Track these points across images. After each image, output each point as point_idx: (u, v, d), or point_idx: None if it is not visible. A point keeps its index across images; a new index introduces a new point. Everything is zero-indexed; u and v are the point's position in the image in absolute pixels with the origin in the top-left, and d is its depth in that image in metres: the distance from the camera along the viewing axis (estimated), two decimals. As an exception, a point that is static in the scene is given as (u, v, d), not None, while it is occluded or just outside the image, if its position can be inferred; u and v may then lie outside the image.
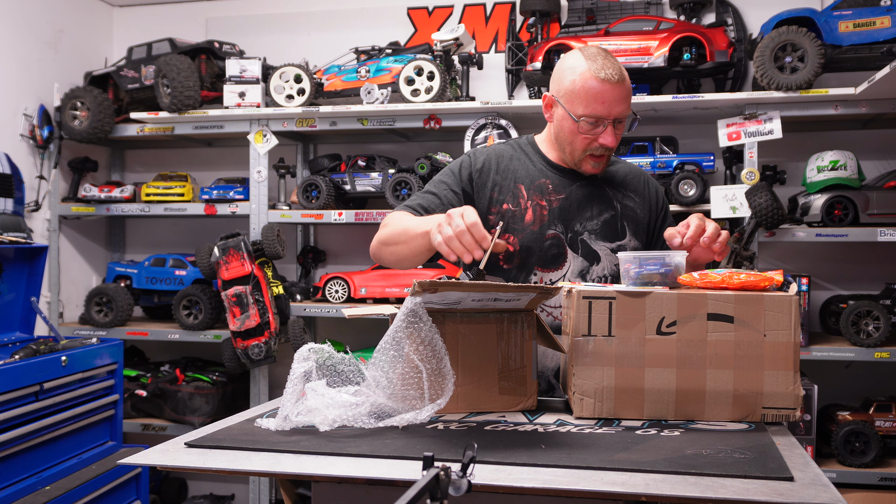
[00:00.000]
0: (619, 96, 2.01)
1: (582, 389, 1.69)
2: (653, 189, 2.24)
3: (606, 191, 2.16)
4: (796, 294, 1.68)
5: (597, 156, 2.08)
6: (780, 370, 1.66)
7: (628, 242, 2.14)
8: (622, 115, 2.03)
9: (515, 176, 2.15)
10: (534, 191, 2.13)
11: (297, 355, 1.63)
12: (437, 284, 1.57)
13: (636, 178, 2.23)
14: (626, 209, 2.16)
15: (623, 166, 2.26)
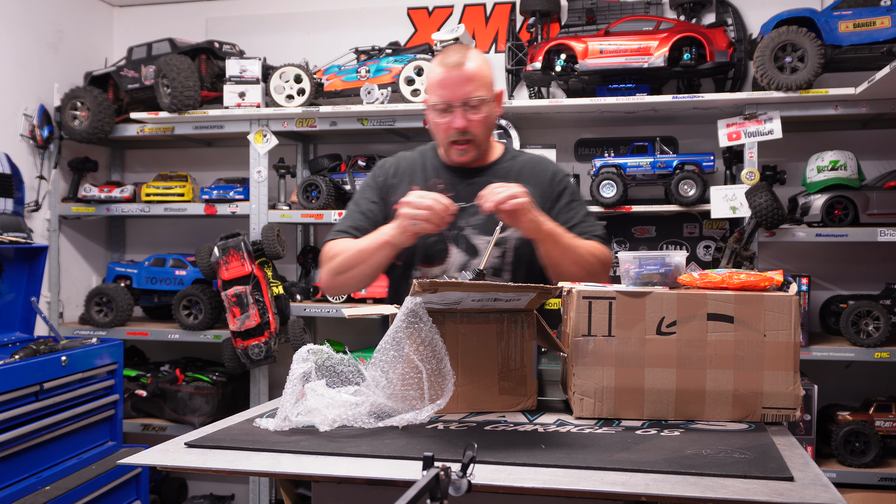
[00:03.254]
0: (461, 79, 2.08)
1: (582, 389, 1.69)
2: (548, 177, 2.24)
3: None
4: (796, 294, 1.68)
5: (458, 142, 2.14)
6: (780, 370, 1.66)
7: (512, 234, 2.14)
8: (468, 96, 2.08)
9: (411, 178, 2.25)
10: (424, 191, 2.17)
11: (296, 356, 1.63)
12: (438, 284, 1.57)
13: (533, 168, 2.25)
14: None
15: (526, 158, 2.31)
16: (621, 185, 3.35)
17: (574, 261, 2.06)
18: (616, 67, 3.34)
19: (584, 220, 2.21)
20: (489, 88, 2.14)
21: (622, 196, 3.35)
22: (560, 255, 2.05)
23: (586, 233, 2.17)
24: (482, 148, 2.20)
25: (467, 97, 2.09)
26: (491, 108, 2.17)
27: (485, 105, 2.12)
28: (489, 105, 2.15)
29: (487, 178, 2.16)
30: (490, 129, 2.21)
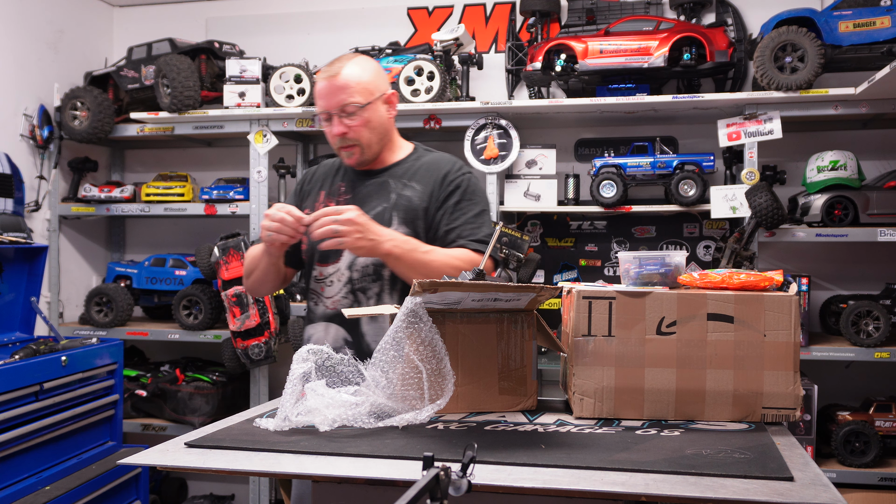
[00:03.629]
0: (335, 88, 2.14)
1: (582, 389, 1.69)
2: (440, 178, 2.24)
3: (390, 185, 2.24)
4: (796, 294, 1.68)
5: (343, 147, 2.21)
6: (780, 370, 1.66)
7: (395, 231, 2.16)
8: (342, 104, 2.15)
9: (321, 184, 2.33)
10: (330, 194, 2.29)
11: (296, 356, 1.63)
12: (437, 284, 1.57)
13: (428, 168, 2.26)
14: (402, 199, 2.21)
15: (428, 158, 2.31)
16: (621, 185, 3.35)
17: (426, 274, 2.02)
18: (616, 67, 3.34)
19: (466, 223, 2.19)
20: (367, 93, 2.17)
21: (622, 196, 3.35)
22: (406, 271, 2.07)
23: (464, 237, 2.16)
24: (372, 150, 2.23)
25: (341, 105, 2.15)
26: (374, 112, 2.20)
27: (363, 111, 2.16)
28: (370, 109, 2.18)
29: (385, 178, 2.25)
30: (379, 132, 2.23)
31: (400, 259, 2.05)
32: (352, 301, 2.21)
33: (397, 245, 2.04)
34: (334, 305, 2.22)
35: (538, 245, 3.85)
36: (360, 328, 2.19)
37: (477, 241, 2.18)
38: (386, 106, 2.25)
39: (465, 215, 2.20)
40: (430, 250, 2.10)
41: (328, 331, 2.23)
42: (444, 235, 2.18)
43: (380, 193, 2.23)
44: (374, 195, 2.24)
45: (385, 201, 2.21)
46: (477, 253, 2.15)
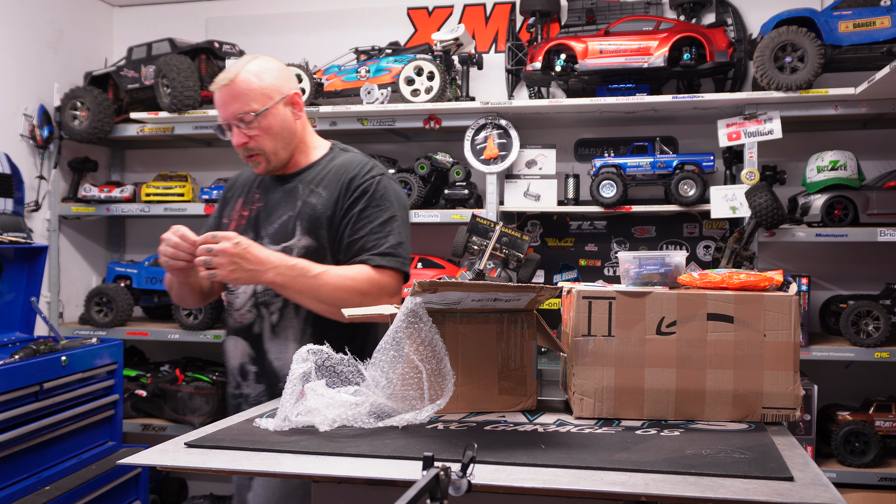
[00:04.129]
0: (228, 97, 2.05)
1: (582, 389, 1.69)
2: (345, 183, 2.11)
3: (298, 191, 2.14)
4: (796, 294, 1.68)
5: (248, 157, 2.12)
6: (780, 370, 1.66)
7: (297, 242, 2.07)
8: (237, 114, 2.04)
9: (241, 190, 2.26)
10: (246, 202, 2.21)
11: (295, 356, 1.63)
12: (437, 284, 1.57)
13: (336, 172, 2.14)
14: (307, 207, 2.10)
15: (339, 160, 2.19)
16: (621, 185, 3.35)
17: (317, 298, 1.99)
18: (616, 67, 3.34)
19: (371, 234, 2.06)
20: (264, 98, 2.06)
21: (622, 196, 3.35)
22: (295, 297, 2.00)
23: (367, 249, 2.04)
24: (280, 157, 2.12)
25: (237, 115, 2.05)
26: (275, 117, 2.08)
27: (261, 118, 2.05)
28: (270, 115, 2.07)
29: (295, 184, 2.15)
30: (284, 137, 2.11)
31: (285, 287, 1.95)
32: (255, 316, 2.12)
33: (280, 273, 1.93)
34: (241, 319, 2.14)
35: (538, 245, 3.85)
36: (262, 345, 2.11)
37: (380, 254, 2.04)
38: (290, 108, 2.13)
39: (371, 223, 2.07)
40: (320, 273, 1.97)
41: (237, 345, 2.16)
42: (347, 248, 2.06)
43: (287, 201, 2.13)
44: (282, 203, 2.14)
45: (291, 209, 2.11)
46: (378, 269, 2.03)
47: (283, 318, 2.09)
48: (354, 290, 1.98)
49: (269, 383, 2.11)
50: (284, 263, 1.94)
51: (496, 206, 3.45)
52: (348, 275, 2.00)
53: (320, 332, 2.00)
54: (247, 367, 2.14)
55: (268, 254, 1.93)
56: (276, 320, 2.10)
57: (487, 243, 3.12)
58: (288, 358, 1.93)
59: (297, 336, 2.08)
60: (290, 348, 2.04)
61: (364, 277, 2.01)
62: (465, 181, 3.52)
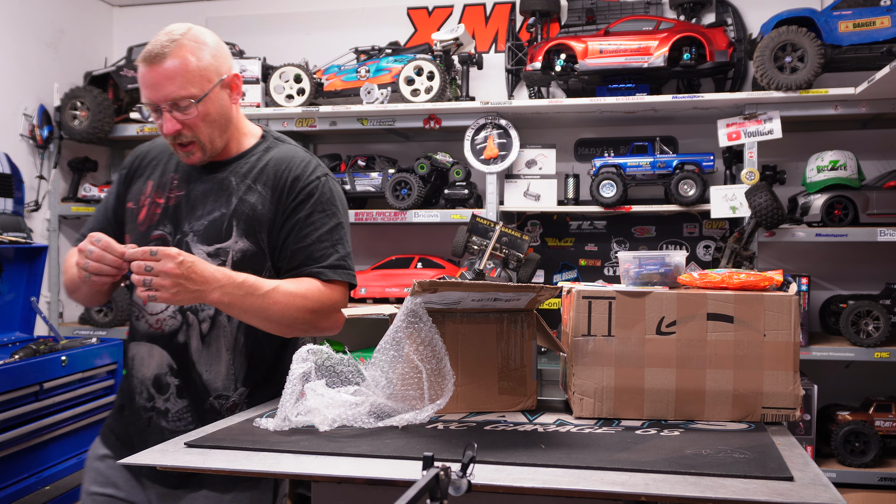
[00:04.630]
0: (161, 77, 1.77)
1: (582, 389, 1.69)
2: (288, 183, 1.89)
3: (232, 184, 1.88)
4: (796, 294, 1.68)
5: (179, 145, 1.84)
6: (780, 370, 1.66)
7: (233, 244, 1.84)
8: (171, 97, 1.77)
9: (152, 172, 1.96)
10: (160, 187, 1.92)
11: (295, 356, 1.63)
12: (437, 284, 1.57)
13: (276, 168, 1.91)
14: (244, 205, 1.86)
15: (278, 153, 1.94)
16: (621, 185, 3.35)
17: (266, 318, 1.79)
18: (616, 67, 3.34)
19: (317, 243, 1.87)
20: (203, 82, 1.81)
21: (622, 196, 3.35)
22: (240, 316, 1.79)
23: (314, 260, 1.85)
24: (215, 146, 1.87)
25: (171, 98, 1.78)
26: (214, 103, 1.83)
27: (199, 104, 1.80)
28: (209, 101, 1.82)
29: (226, 175, 1.89)
30: (221, 124, 1.86)
31: (231, 306, 1.75)
32: (181, 323, 1.85)
33: (227, 292, 1.71)
34: (159, 325, 1.87)
35: (538, 245, 3.85)
36: (189, 354, 1.86)
37: (330, 266, 1.86)
38: (228, 91, 1.89)
39: (318, 231, 1.87)
40: (269, 291, 1.76)
41: (152, 353, 1.88)
42: (291, 257, 1.86)
43: (219, 194, 1.88)
44: (211, 195, 1.88)
45: (224, 205, 1.86)
46: (328, 284, 1.85)
47: (215, 327, 1.85)
48: (306, 309, 1.81)
49: (196, 398, 1.87)
50: (231, 281, 1.72)
51: (496, 206, 3.45)
52: (299, 292, 1.80)
53: (253, 342, 1.87)
54: (166, 380, 1.87)
55: (213, 271, 1.70)
56: (208, 329, 1.85)
57: (487, 243, 3.12)
58: (219, 370, 1.86)
59: (230, 346, 1.86)
60: (222, 359, 1.86)
61: (316, 294, 1.83)
62: (465, 181, 3.53)
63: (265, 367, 1.90)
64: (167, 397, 1.87)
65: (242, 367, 1.87)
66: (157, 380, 1.88)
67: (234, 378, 1.87)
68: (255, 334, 1.87)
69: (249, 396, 1.88)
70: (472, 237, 3.16)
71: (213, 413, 1.85)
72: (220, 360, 1.86)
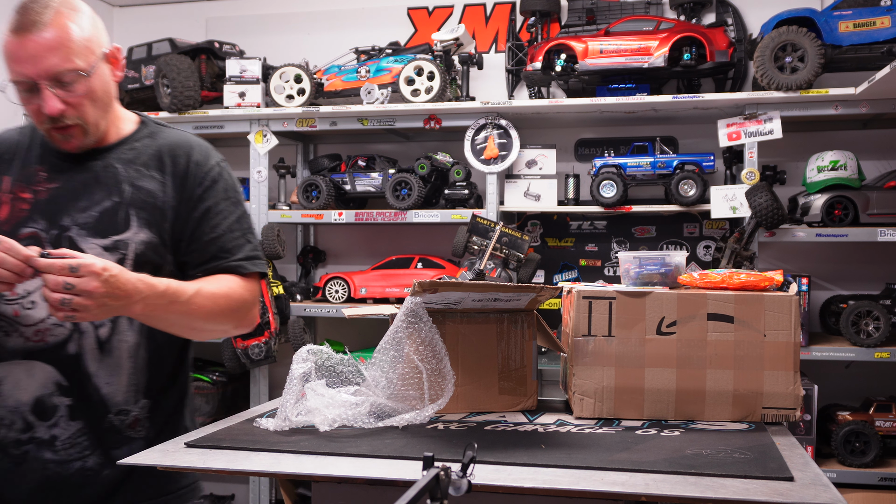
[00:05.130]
0: (37, 49, 1.53)
1: (582, 389, 1.69)
2: (191, 165, 1.73)
3: (119, 172, 1.69)
4: (796, 294, 1.68)
5: (57, 129, 1.62)
6: (780, 370, 1.66)
7: (133, 236, 1.65)
8: (54, 71, 1.55)
9: (7, 168, 1.72)
10: (21, 180, 1.69)
11: (295, 356, 1.63)
12: (438, 284, 1.57)
13: (174, 151, 1.73)
14: (140, 192, 1.67)
15: (168, 137, 1.76)
16: (621, 185, 3.35)
17: (189, 325, 1.66)
18: (616, 67, 3.34)
19: (228, 234, 1.73)
20: (89, 54, 1.59)
21: (622, 196, 3.35)
22: (161, 324, 1.63)
23: (227, 252, 1.70)
24: (99, 128, 1.66)
25: (53, 73, 1.55)
26: (100, 79, 1.62)
27: (86, 79, 1.58)
28: (96, 76, 1.61)
29: (108, 162, 1.69)
30: (104, 104, 1.65)
31: (152, 318, 1.58)
32: (70, 330, 1.62)
33: (150, 304, 1.53)
34: (41, 337, 1.62)
35: (538, 245, 3.85)
36: (83, 366, 1.63)
37: (247, 258, 1.73)
38: (109, 66, 1.67)
39: (226, 220, 1.73)
40: (193, 296, 1.60)
41: (31, 373, 1.62)
42: (203, 250, 1.70)
43: (105, 183, 1.67)
44: (95, 185, 1.67)
45: (115, 194, 1.66)
46: (246, 278, 1.72)
47: (116, 331, 1.65)
48: (230, 310, 1.68)
49: (93, 417, 1.65)
50: (154, 291, 1.53)
51: (496, 206, 3.45)
52: (221, 292, 1.66)
53: (154, 346, 1.70)
54: (51, 401, 1.63)
55: (134, 282, 1.49)
56: (108, 335, 1.64)
57: (487, 243, 3.12)
58: (120, 381, 1.66)
59: (132, 352, 1.67)
60: (122, 369, 1.66)
61: (238, 291, 1.69)
62: (465, 181, 3.53)
63: (166, 373, 1.75)
64: (54, 422, 1.63)
65: (144, 376, 1.69)
66: (39, 403, 1.63)
67: (135, 389, 1.69)
68: (155, 338, 1.70)
69: (151, 409, 1.72)
70: (472, 237, 3.16)
71: (113, 433, 1.66)
72: (121, 369, 1.66)
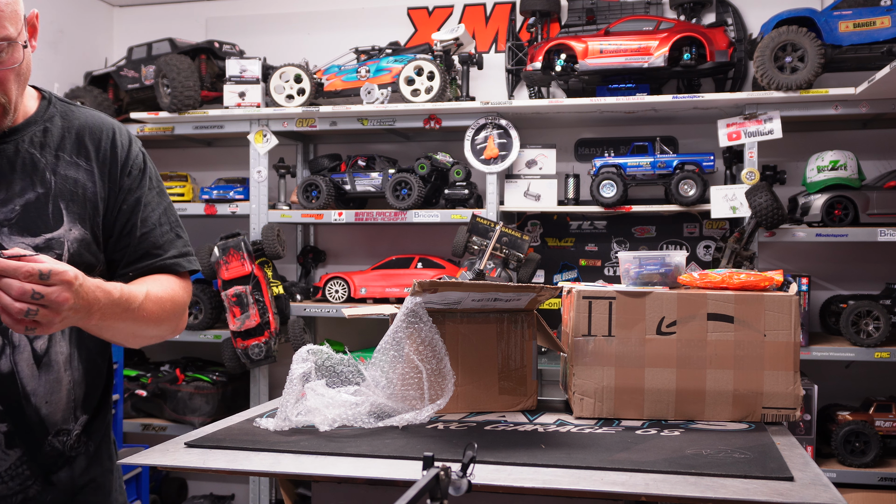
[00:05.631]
0: None
1: (582, 389, 1.69)
2: (118, 153, 1.56)
3: (37, 158, 1.47)
4: (796, 294, 1.68)
5: None
6: (780, 370, 1.66)
7: (67, 234, 1.46)
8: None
9: None
10: None
11: (295, 356, 1.63)
12: (438, 284, 1.57)
13: (95, 136, 1.54)
14: (68, 183, 1.48)
15: (81, 115, 1.56)
16: (621, 185, 3.35)
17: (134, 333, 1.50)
18: (616, 67, 3.34)
19: (160, 227, 1.59)
20: (17, 18, 1.37)
21: (622, 196, 3.35)
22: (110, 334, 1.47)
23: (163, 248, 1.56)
24: (17, 107, 1.45)
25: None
26: (24, 50, 1.40)
27: (13, 49, 1.37)
28: (20, 48, 1.38)
29: (18, 146, 1.46)
30: (26, 77, 1.45)
31: (105, 328, 1.40)
32: (2, 343, 1.42)
33: (106, 313, 1.36)
34: None
35: (538, 245, 3.85)
36: (18, 386, 1.43)
37: (180, 255, 1.60)
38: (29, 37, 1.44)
39: (155, 213, 1.59)
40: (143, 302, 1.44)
41: None
42: (136, 246, 1.54)
43: (23, 171, 1.45)
44: (13, 173, 1.45)
45: (38, 184, 1.46)
46: (182, 278, 1.60)
47: (53, 342, 1.47)
48: (174, 314, 1.54)
49: (32, 442, 1.46)
50: (109, 298, 1.35)
51: (496, 206, 3.45)
52: (166, 295, 1.52)
53: (87, 355, 1.54)
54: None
55: (94, 290, 1.32)
56: (44, 348, 1.46)
57: (487, 243, 3.12)
58: (60, 398, 1.48)
59: (67, 364, 1.50)
60: (62, 384, 1.49)
61: (179, 293, 1.57)
62: (465, 181, 3.53)
63: (100, 383, 1.59)
64: None
65: (81, 389, 1.53)
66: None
67: (73, 405, 1.51)
68: (87, 346, 1.54)
69: (89, 424, 1.55)
70: (472, 237, 3.17)
71: (55, 455, 1.49)
72: (60, 385, 1.48)
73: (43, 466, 1.48)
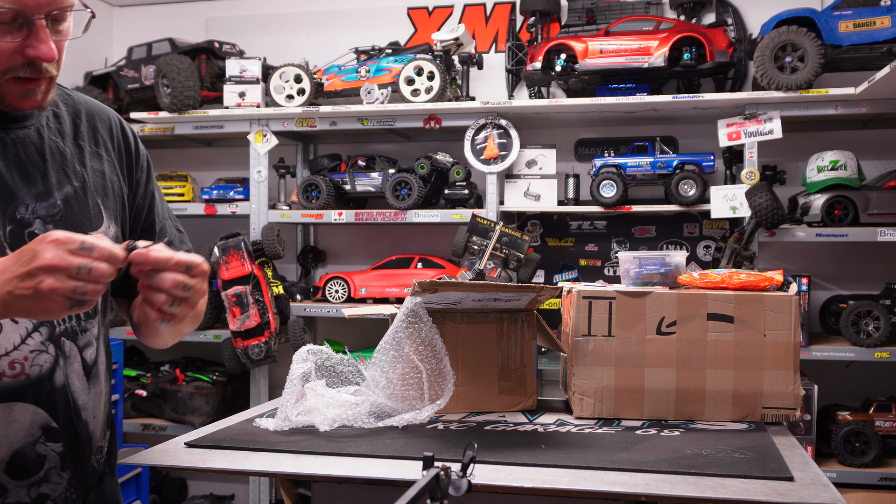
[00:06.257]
0: None
1: (582, 389, 1.69)
2: (130, 143, 1.49)
3: (62, 147, 1.34)
4: (796, 294, 1.68)
5: (27, 78, 1.29)
6: (780, 370, 1.66)
7: (108, 232, 1.36)
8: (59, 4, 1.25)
9: None
10: None
11: (295, 356, 1.63)
12: (437, 284, 1.57)
13: (104, 123, 1.45)
14: (97, 176, 1.37)
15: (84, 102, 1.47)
16: (621, 185, 3.35)
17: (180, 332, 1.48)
18: (616, 67, 3.34)
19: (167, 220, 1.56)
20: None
21: (622, 196, 3.35)
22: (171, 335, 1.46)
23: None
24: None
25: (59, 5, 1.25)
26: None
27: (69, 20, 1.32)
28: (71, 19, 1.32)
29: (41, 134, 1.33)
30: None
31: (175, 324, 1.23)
32: (55, 354, 1.27)
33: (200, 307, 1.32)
34: (20, 369, 1.24)
35: (538, 245, 3.85)
36: (72, 400, 1.30)
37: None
38: None
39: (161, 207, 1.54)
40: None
41: (10, 419, 1.24)
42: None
43: (53, 161, 1.32)
44: (41, 163, 1.30)
45: (73, 177, 1.33)
46: None
47: (99, 350, 1.37)
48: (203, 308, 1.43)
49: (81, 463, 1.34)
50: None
51: (496, 206, 3.45)
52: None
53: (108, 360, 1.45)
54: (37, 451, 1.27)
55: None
56: (94, 356, 1.35)
57: (487, 243, 3.12)
58: (101, 412, 1.38)
59: (105, 372, 1.41)
60: (102, 395, 1.38)
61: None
62: (465, 181, 3.53)
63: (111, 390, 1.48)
64: (41, 477, 1.27)
65: (109, 401, 1.44)
66: (21, 457, 1.25)
67: (106, 418, 1.41)
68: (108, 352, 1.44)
69: (111, 438, 1.45)
70: (472, 237, 3.17)
71: (92, 476, 1.37)
72: (101, 396, 1.38)
73: (84, 489, 1.35)
